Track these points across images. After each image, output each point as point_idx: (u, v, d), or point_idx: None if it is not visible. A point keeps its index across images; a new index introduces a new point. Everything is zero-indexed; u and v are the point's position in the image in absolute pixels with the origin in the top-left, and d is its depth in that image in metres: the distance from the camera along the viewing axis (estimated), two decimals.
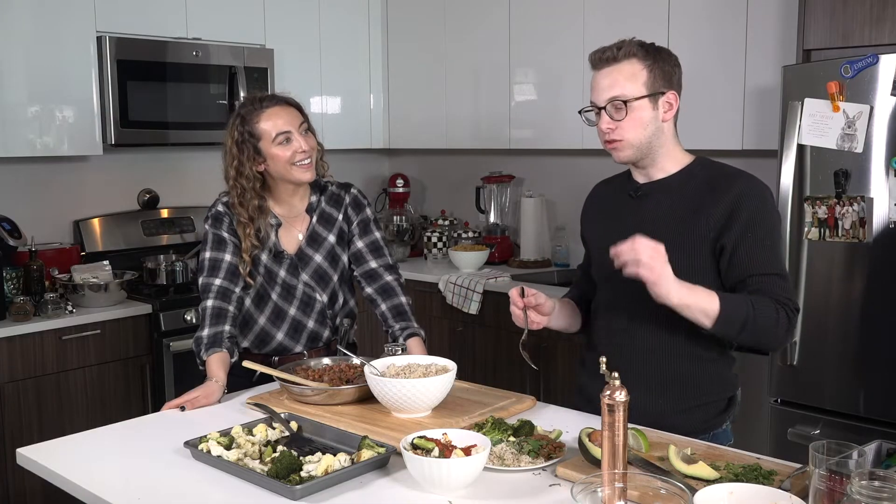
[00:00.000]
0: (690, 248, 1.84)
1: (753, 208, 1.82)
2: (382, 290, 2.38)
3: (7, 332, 3.10)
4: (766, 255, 1.82)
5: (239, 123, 2.25)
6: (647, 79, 1.84)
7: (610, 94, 1.85)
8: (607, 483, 1.37)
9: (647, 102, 1.85)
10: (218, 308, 2.24)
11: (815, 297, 2.76)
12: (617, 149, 1.89)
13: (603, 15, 3.64)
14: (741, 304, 1.76)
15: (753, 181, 1.87)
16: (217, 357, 2.17)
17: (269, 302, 2.35)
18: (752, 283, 1.81)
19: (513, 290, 1.95)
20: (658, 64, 1.85)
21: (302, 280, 2.35)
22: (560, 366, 3.52)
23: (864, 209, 2.62)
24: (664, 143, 1.90)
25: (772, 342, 1.84)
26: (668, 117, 1.88)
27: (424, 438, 1.63)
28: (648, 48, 1.86)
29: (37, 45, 3.36)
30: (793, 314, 1.80)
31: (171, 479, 1.67)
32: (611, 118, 1.86)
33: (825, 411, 2.77)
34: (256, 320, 2.36)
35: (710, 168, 1.93)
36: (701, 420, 1.90)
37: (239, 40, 3.95)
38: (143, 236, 4.00)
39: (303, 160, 2.24)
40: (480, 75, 4.18)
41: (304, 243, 2.35)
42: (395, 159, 5.08)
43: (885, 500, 1.20)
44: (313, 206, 2.38)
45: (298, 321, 2.37)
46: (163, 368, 3.47)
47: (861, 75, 2.60)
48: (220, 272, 2.27)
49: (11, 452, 2.30)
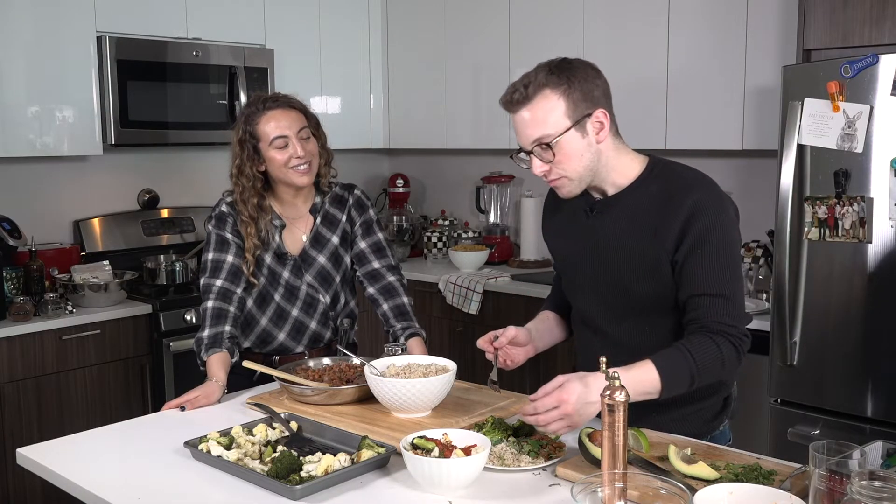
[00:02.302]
0: (653, 272, 1.76)
1: (705, 223, 1.69)
2: (385, 290, 2.39)
3: (7, 332, 3.10)
4: (712, 273, 1.70)
5: (243, 122, 2.28)
6: (566, 108, 1.69)
7: (532, 137, 1.72)
8: (607, 483, 1.37)
9: (573, 133, 1.70)
10: (218, 309, 2.25)
11: (815, 297, 2.76)
12: (559, 187, 1.79)
13: (603, 15, 3.64)
14: (678, 361, 1.66)
15: (709, 192, 1.74)
16: (217, 357, 2.18)
17: (271, 303, 2.36)
18: (691, 305, 1.71)
19: (481, 341, 1.94)
20: (574, 85, 1.70)
21: (305, 281, 2.36)
22: (560, 366, 3.52)
23: (864, 209, 2.62)
24: (607, 161, 1.77)
25: (724, 376, 1.77)
26: (603, 137, 1.74)
27: (424, 438, 1.63)
28: (559, 72, 1.71)
29: (37, 45, 3.36)
30: (737, 340, 1.69)
31: (171, 479, 1.67)
32: (541, 161, 1.74)
33: (825, 411, 2.76)
34: (259, 321, 2.36)
35: (665, 176, 1.79)
36: (699, 424, 1.86)
37: (239, 40, 3.95)
38: (143, 236, 4.00)
39: (298, 165, 2.25)
40: (480, 75, 4.18)
41: (308, 244, 2.36)
42: (395, 159, 5.08)
43: (885, 500, 1.20)
44: (317, 207, 2.38)
45: (301, 322, 2.38)
46: (163, 368, 3.47)
47: (861, 75, 2.60)
48: (222, 273, 2.28)
49: (11, 452, 2.30)
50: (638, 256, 1.77)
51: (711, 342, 1.68)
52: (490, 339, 1.94)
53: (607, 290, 1.85)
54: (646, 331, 1.82)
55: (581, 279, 1.91)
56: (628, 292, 1.81)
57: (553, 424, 1.62)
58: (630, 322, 1.82)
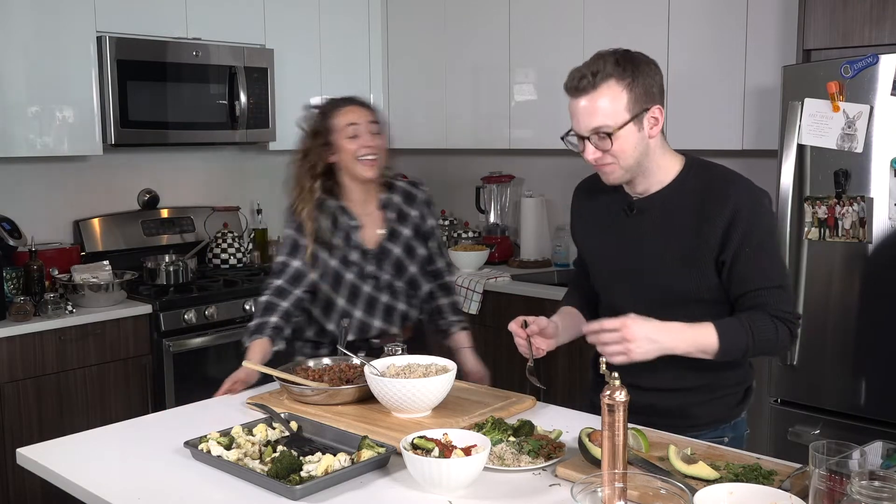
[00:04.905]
0: (697, 267, 1.81)
1: (748, 220, 1.77)
2: (443, 286, 2.59)
3: (7, 332, 3.10)
4: (763, 266, 1.79)
5: (319, 116, 2.44)
6: (627, 101, 1.74)
7: (592, 125, 1.75)
8: (607, 483, 1.37)
9: (631, 126, 1.75)
10: (269, 302, 2.41)
11: (815, 297, 2.76)
12: (607, 172, 1.82)
13: (603, 15, 3.64)
14: (738, 330, 1.75)
15: (747, 188, 1.81)
16: (257, 343, 2.33)
17: (361, 295, 2.46)
18: (750, 299, 1.79)
19: (512, 324, 1.92)
20: (638, 80, 1.75)
21: (387, 271, 2.47)
22: (560, 366, 3.52)
23: (864, 209, 2.62)
24: (653, 157, 1.82)
25: (774, 353, 1.87)
26: (655, 133, 1.79)
27: (424, 438, 1.63)
28: (625, 63, 1.75)
29: (37, 45, 3.36)
30: (793, 325, 1.80)
31: (171, 479, 1.67)
32: (597, 148, 1.78)
33: (825, 411, 2.77)
34: (353, 314, 2.46)
35: (702, 175, 1.85)
36: (724, 409, 1.92)
37: (239, 40, 3.95)
38: (143, 236, 4.00)
39: (366, 155, 2.38)
40: (480, 75, 4.18)
41: (383, 239, 2.48)
42: (395, 159, 5.06)
43: (885, 500, 1.20)
44: (386, 202, 2.50)
45: (390, 306, 2.49)
46: (163, 368, 3.46)
47: (861, 75, 2.60)
48: (284, 276, 2.42)
49: (11, 452, 2.30)
50: (678, 253, 1.82)
51: (771, 323, 1.77)
52: (520, 323, 1.92)
53: (643, 285, 1.88)
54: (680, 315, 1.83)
55: (617, 274, 1.94)
56: (664, 287, 1.85)
57: (611, 347, 1.67)
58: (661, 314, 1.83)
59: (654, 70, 1.81)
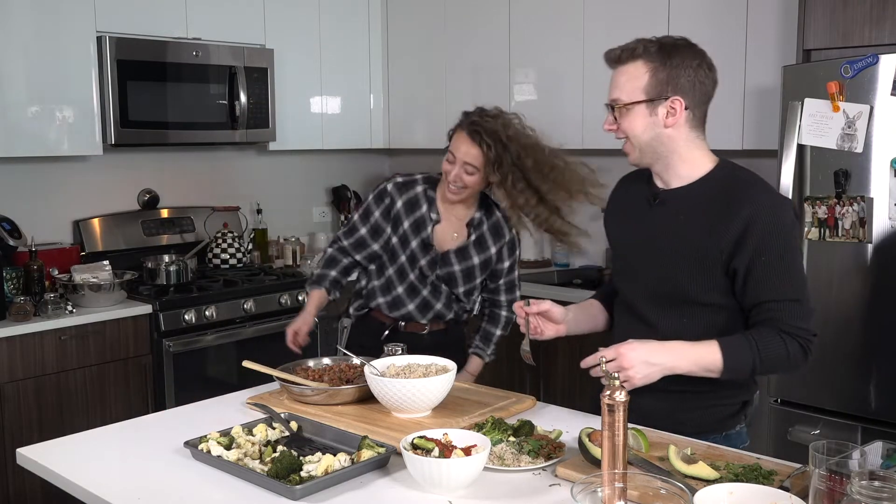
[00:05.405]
0: (705, 269, 1.79)
1: (765, 229, 1.73)
2: (492, 316, 2.68)
3: (7, 332, 3.10)
4: (779, 279, 1.74)
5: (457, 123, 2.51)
6: (646, 83, 1.76)
7: (611, 96, 1.82)
8: (607, 483, 1.37)
9: (642, 108, 1.77)
10: (333, 256, 2.65)
11: (816, 297, 2.72)
12: (626, 151, 1.86)
13: (603, 15, 3.64)
14: (743, 348, 1.73)
15: (768, 195, 1.78)
16: (315, 293, 2.60)
17: (407, 279, 2.56)
18: (762, 312, 1.76)
19: (514, 305, 1.96)
20: (665, 67, 1.75)
21: (437, 275, 2.55)
22: (560, 366, 3.52)
23: (864, 209, 2.62)
24: (675, 149, 1.81)
25: (787, 370, 1.82)
26: (672, 123, 1.78)
27: (424, 438, 1.63)
28: (660, 50, 1.76)
29: (37, 45, 3.36)
30: (807, 343, 1.75)
31: (171, 479, 1.67)
32: (611, 119, 1.83)
33: (825, 411, 2.77)
34: (396, 287, 2.56)
35: (726, 177, 1.83)
36: (712, 419, 1.88)
37: (239, 40, 3.95)
38: (143, 236, 4.00)
39: (451, 184, 2.47)
40: (480, 75, 4.18)
41: (453, 251, 2.55)
42: (395, 159, 5.08)
43: (885, 500, 1.20)
44: (476, 222, 2.57)
45: (428, 301, 2.57)
46: (163, 368, 3.46)
47: (861, 75, 2.60)
48: (351, 237, 2.61)
49: (11, 452, 2.30)
50: (690, 251, 1.81)
51: (779, 339, 1.74)
52: (524, 303, 1.94)
53: (655, 280, 1.87)
54: (685, 322, 1.84)
55: (633, 266, 1.94)
56: (675, 283, 1.84)
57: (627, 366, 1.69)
58: (672, 311, 1.84)
59: (694, 65, 1.77)
